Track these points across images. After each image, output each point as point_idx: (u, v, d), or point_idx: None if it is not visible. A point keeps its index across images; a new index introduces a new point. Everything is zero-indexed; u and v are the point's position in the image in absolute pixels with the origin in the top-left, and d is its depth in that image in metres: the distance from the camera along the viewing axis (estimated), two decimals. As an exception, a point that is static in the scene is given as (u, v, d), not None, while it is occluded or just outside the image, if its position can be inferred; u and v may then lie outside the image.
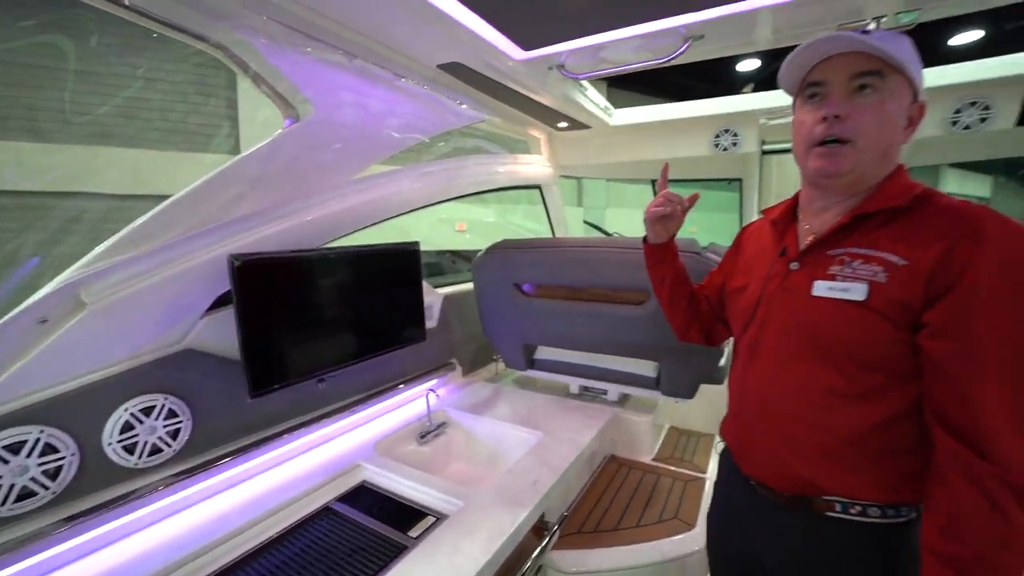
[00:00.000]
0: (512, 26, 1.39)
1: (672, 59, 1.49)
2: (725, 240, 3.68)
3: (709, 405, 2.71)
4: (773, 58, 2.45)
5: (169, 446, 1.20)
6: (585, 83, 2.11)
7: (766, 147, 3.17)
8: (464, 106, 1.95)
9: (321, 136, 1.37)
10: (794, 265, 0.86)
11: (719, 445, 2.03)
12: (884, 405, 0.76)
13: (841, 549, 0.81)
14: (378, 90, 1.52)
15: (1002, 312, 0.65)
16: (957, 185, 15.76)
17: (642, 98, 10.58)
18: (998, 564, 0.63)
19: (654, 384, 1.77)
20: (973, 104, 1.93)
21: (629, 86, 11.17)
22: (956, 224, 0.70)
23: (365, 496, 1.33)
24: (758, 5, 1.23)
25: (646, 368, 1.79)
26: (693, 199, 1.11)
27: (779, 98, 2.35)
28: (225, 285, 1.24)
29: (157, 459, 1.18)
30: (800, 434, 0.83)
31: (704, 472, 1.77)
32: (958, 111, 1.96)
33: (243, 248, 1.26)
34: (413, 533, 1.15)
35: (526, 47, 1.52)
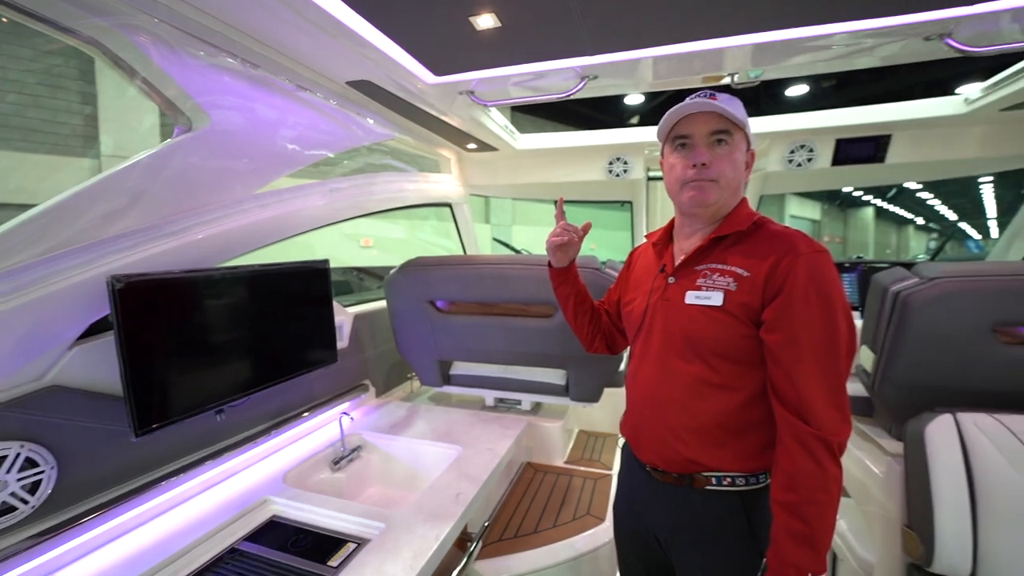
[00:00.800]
0: (424, 52, 1.44)
1: (571, 94, 1.65)
2: (620, 254, 4.02)
3: (612, 407, 2.94)
4: (654, 95, 2.83)
5: (26, 503, 1.02)
6: (494, 110, 2.23)
7: (651, 174, 3.58)
8: (373, 123, 1.94)
9: (217, 147, 1.29)
10: (672, 279, 1.04)
11: (622, 441, 2.24)
12: (741, 390, 0.95)
13: (717, 515, 0.98)
14: (282, 102, 1.47)
15: (809, 309, 0.86)
16: (798, 209, 18.99)
17: (544, 123, 11.25)
18: (819, 503, 0.84)
19: (563, 391, 1.90)
20: (802, 147, 2.41)
21: (533, 112, 11.81)
22: (781, 244, 0.92)
23: (276, 531, 1.25)
24: (642, 56, 1.43)
25: (555, 376, 1.91)
26: (586, 228, 1.27)
27: None
28: (101, 310, 1.10)
29: (7, 520, 1.00)
30: (681, 420, 0.99)
31: (611, 469, 1.93)
32: (792, 152, 2.42)
33: (125, 268, 1.13)
34: (333, 563, 1.10)
35: (437, 72, 1.59)
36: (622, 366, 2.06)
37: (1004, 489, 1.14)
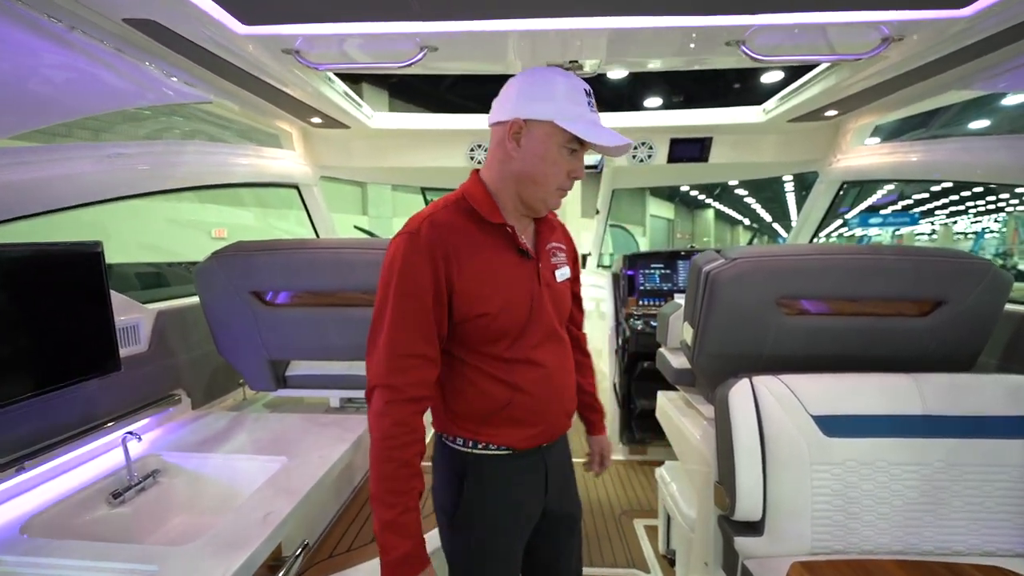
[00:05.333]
0: (220, -10, 1.19)
1: (410, 65, 1.52)
2: None
3: None
4: None
5: None
6: (335, 78, 2.00)
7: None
8: (178, 80, 1.60)
9: None
10: (540, 265, 1.00)
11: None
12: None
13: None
14: (33, 39, 1.11)
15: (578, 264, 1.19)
16: (656, 209, 21.43)
17: (420, 111, 10.90)
18: None
19: None
20: (644, 144, 2.61)
21: (411, 98, 11.39)
22: (558, 223, 1.14)
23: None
24: (484, 29, 1.36)
25: None
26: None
27: None
28: None
29: None
30: (572, 391, 1.09)
31: None
32: (636, 148, 2.61)
33: None
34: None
35: (247, 20, 1.34)
36: None
37: (784, 439, 1.31)
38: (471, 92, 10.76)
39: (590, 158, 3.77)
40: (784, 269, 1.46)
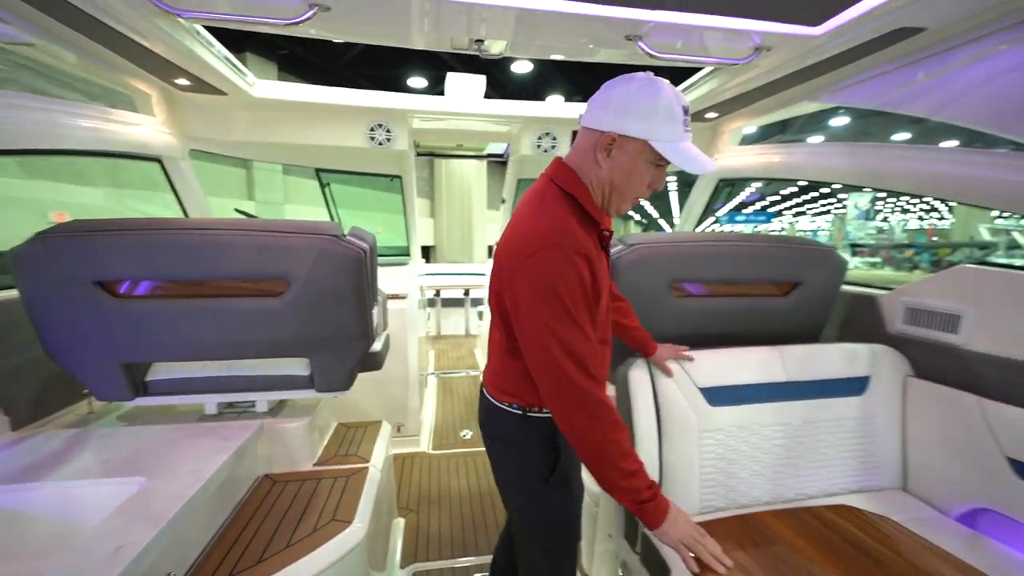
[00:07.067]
0: None
1: (297, 23, 1.35)
2: (399, 237, 3.78)
3: (375, 392, 2.77)
4: (437, 80, 2.76)
5: None
6: (209, 37, 1.72)
7: (420, 149, 3.48)
8: None
9: None
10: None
11: (385, 428, 2.09)
12: None
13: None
14: None
15: None
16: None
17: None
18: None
19: (308, 383, 1.61)
20: (547, 134, 2.65)
21: (305, 74, 10.40)
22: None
23: None
24: None
25: (296, 367, 1.61)
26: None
27: (428, 102, 2.57)
28: None
29: None
30: None
31: (368, 460, 1.75)
32: (540, 138, 2.65)
33: None
34: None
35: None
36: (378, 346, 1.89)
37: (676, 412, 1.42)
38: (373, 72, 10.13)
39: (496, 147, 3.76)
40: (677, 255, 1.57)
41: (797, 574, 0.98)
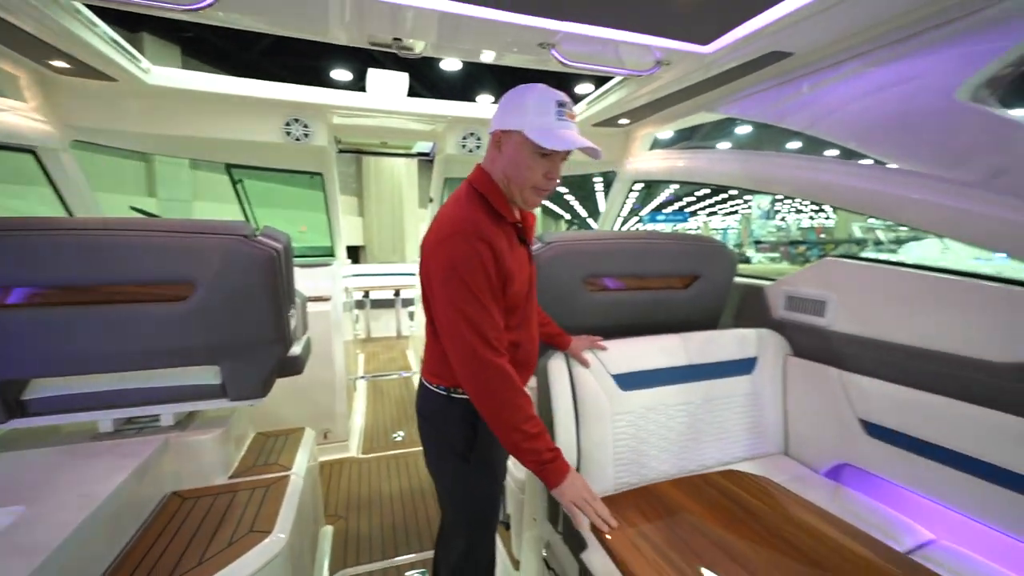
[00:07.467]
0: None
1: (200, 8, 1.27)
2: (324, 237, 3.63)
3: (298, 398, 2.66)
4: (363, 74, 2.67)
5: None
6: (92, 16, 1.56)
7: (342, 146, 3.38)
8: None
9: None
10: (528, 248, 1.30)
11: (308, 434, 2.02)
12: None
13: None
14: None
15: None
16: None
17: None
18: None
19: (220, 392, 1.53)
20: (472, 135, 2.70)
21: (214, 61, 9.55)
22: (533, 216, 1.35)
23: None
24: None
25: (206, 375, 1.52)
26: None
27: (349, 98, 2.51)
28: None
29: None
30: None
31: (290, 468, 1.69)
32: (464, 138, 2.70)
33: None
34: None
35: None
36: (297, 350, 1.83)
37: (591, 398, 1.52)
38: (293, 62, 9.50)
39: (424, 146, 3.74)
40: (590, 252, 1.68)
41: (688, 533, 1.11)
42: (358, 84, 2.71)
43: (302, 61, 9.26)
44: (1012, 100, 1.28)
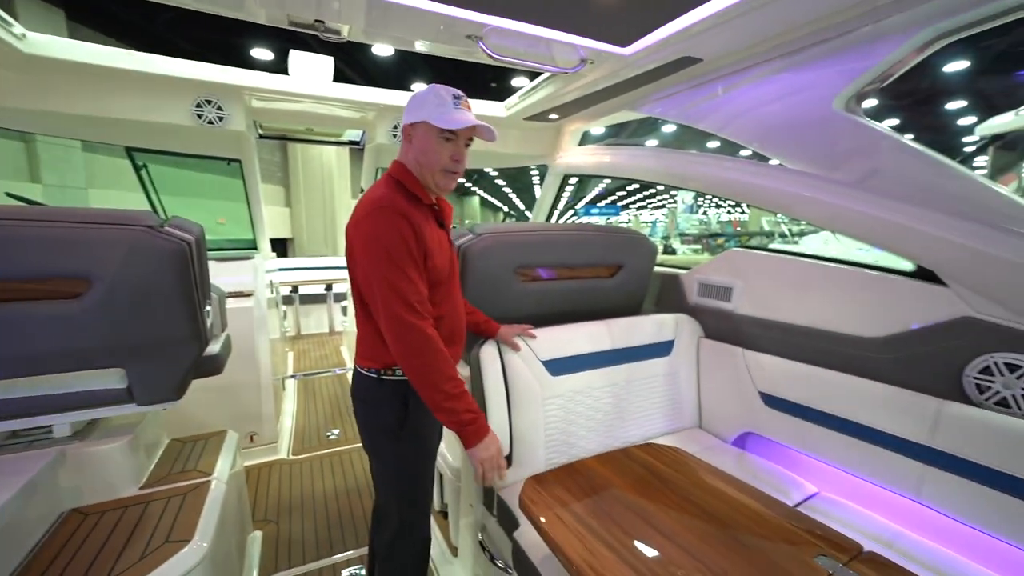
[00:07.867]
0: None
1: None
2: (246, 229, 3.40)
3: (220, 400, 2.51)
4: (283, 56, 2.50)
5: None
6: None
7: (263, 131, 3.17)
8: None
9: None
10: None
11: (231, 437, 1.91)
12: None
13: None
14: None
15: None
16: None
17: (124, 48, 8.29)
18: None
19: (126, 396, 1.41)
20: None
21: (107, 29, 8.45)
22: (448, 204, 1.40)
23: None
24: None
25: (109, 379, 1.39)
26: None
27: (268, 80, 2.35)
28: None
29: None
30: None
31: (211, 473, 1.60)
32: (395, 127, 2.65)
33: None
34: None
35: None
36: (215, 348, 1.73)
37: (522, 384, 1.58)
38: (204, 36, 8.64)
39: (355, 134, 3.60)
40: (519, 243, 1.73)
41: (610, 504, 1.20)
42: (280, 66, 2.55)
43: (216, 35, 8.46)
44: (879, 112, 1.48)
